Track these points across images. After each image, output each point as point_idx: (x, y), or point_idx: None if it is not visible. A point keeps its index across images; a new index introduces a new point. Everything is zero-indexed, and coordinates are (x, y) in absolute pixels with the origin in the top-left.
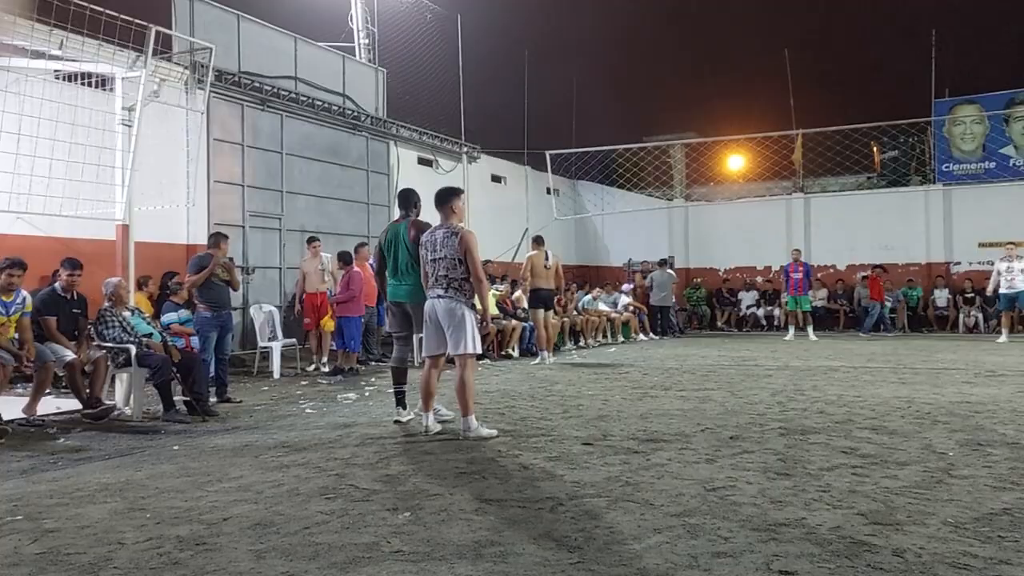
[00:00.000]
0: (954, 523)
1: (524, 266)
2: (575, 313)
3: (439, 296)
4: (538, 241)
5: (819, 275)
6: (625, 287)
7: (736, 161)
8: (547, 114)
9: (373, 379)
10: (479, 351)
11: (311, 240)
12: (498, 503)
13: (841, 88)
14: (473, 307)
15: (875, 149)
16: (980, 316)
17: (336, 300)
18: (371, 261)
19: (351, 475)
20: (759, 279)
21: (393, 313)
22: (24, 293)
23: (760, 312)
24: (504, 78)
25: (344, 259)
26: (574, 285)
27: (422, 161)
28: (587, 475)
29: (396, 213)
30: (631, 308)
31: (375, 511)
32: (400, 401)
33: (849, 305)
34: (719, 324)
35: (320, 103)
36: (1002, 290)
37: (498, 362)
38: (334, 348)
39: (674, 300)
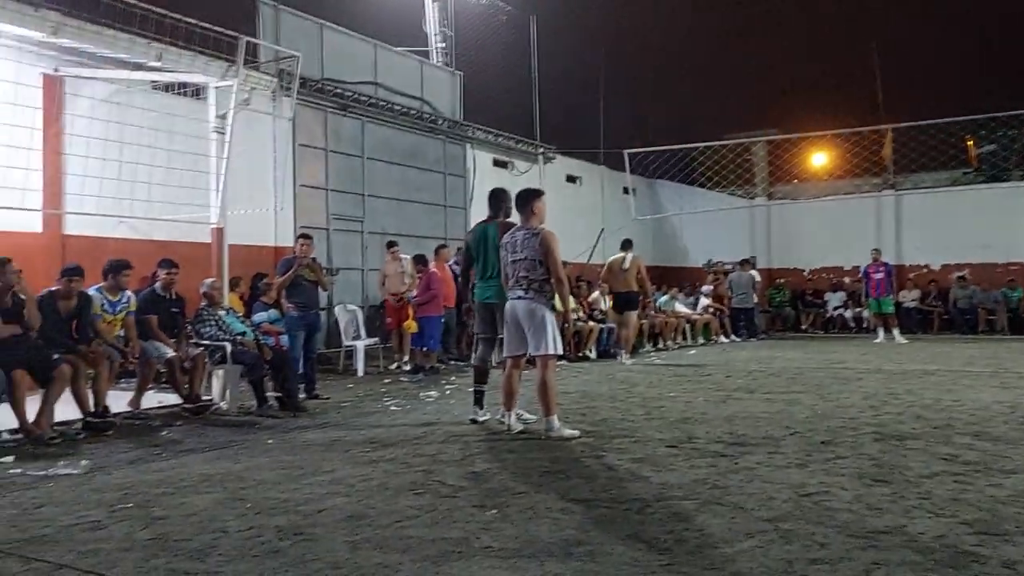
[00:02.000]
0: None
1: (604, 270)
2: (652, 314)
3: (519, 297)
4: (623, 244)
5: (911, 275)
6: (704, 288)
7: (821, 158)
8: (624, 113)
9: (453, 378)
10: (560, 352)
11: (390, 245)
12: (584, 503)
13: (934, 79)
14: (553, 308)
15: (970, 143)
16: None
17: (416, 301)
18: (452, 262)
19: (438, 471)
20: (846, 280)
21: (481, 314)
22: (129, 293)
23: (848, 314)
24: (579, 78)
25: (420, 261)
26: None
27: (497, 163)
28: (673, 477)
29: (473, 215)
30: (711, 309)
31: (463, 507)
32: (478, 400)
33: (944, 306)
34: (803, 326)
35: (399, 107)
36: None
37: (575, 363)
38: (414, 348)
39: (756, 301)
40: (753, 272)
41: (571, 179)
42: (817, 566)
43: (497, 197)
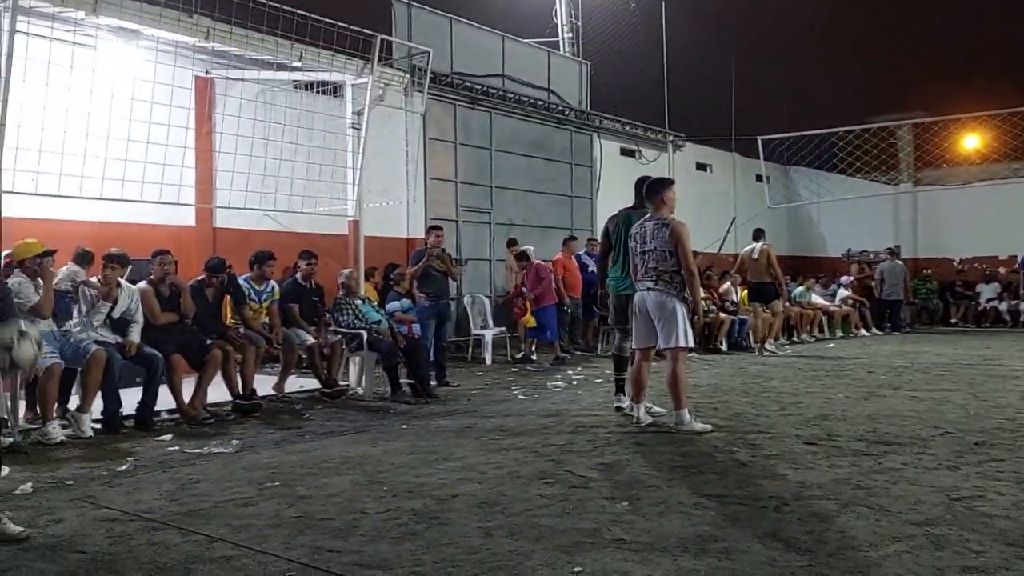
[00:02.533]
0: None
1: (737, 261)
2: (786, 306)
3: (649, 289)
4: (754, 234)
5: None
6: (844, 279)
7: (973, 140)
8: (757, 98)
9: (580, 368)
10: (691, 345)
11: (510, 243)
12: (718, 499)
13: None
14: (685, 300)
15: None
16: None
17: (533, 296)
18: (581, 252)
19: (568, 461)
20: (1001, 270)
21: (615, 305)
22: (273, 283)
23: (1002, 306)
24: (710, 63)
25: (523, 258)
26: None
27: (625, 152)
28: (812, 476)
29: (599, 205)
30: (851, 301)
31: (593, 498)
32: (620, 388)
33: None
34: (953, 320)
35: (526, 99)
36: None
37: (706, 356)
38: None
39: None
40: (900, 262)
41: (701, 167)
42: (970, 575)
43: (647, 186)
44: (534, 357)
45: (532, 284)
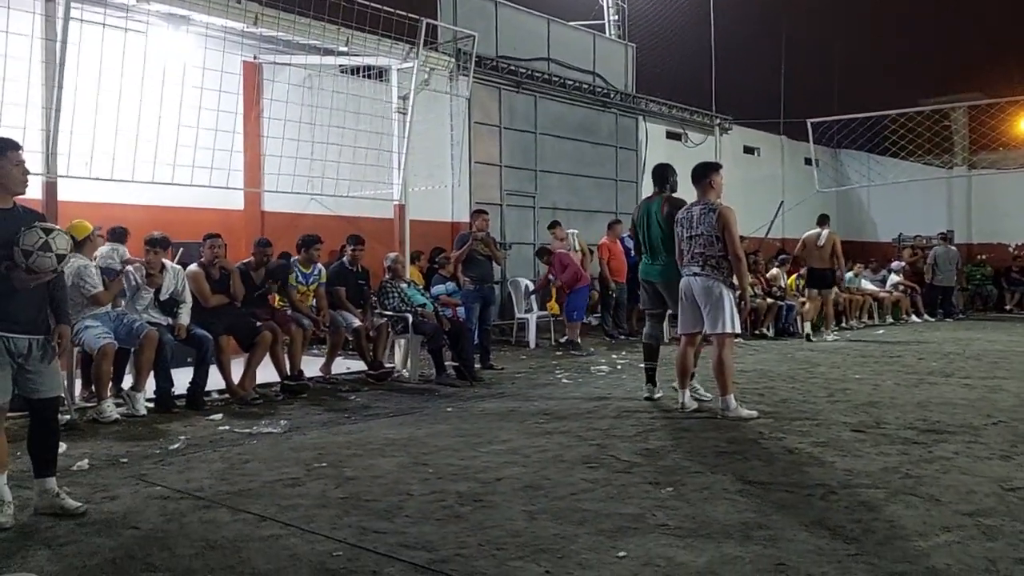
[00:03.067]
0: None
1: (799, 245)
2: (837, 292)
3: (695, 274)
4: (819, 220)
5: None
6: (895, 264)
7: None
8: (806, 80)
9: (624, 352)
10: (738, 330)
11: (552, 225)
12: (763, 486)
13: None
14: (732, 285)
15: None
16: None
17: (558, 284)
18: (625, 235)
19: (611, 446)
20: None
21: (646, 291)
22: (320, 266)
23: None
24: (758, 45)
25: (545, 253)
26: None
27: (671, 135)
28: (860, 464)
29: (645, 189)
30: (901, 287)
31: (637, 483)
32: (650, 378)
33: None
34: (1007, 306)
35: (571, 82)
36: None
37: (751, 341)
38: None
39: (956, 279)
40: (953, 247)
41: (748, 150)
42: None
43: (661, 172)
44: (578, 340)
45: (558, 272)
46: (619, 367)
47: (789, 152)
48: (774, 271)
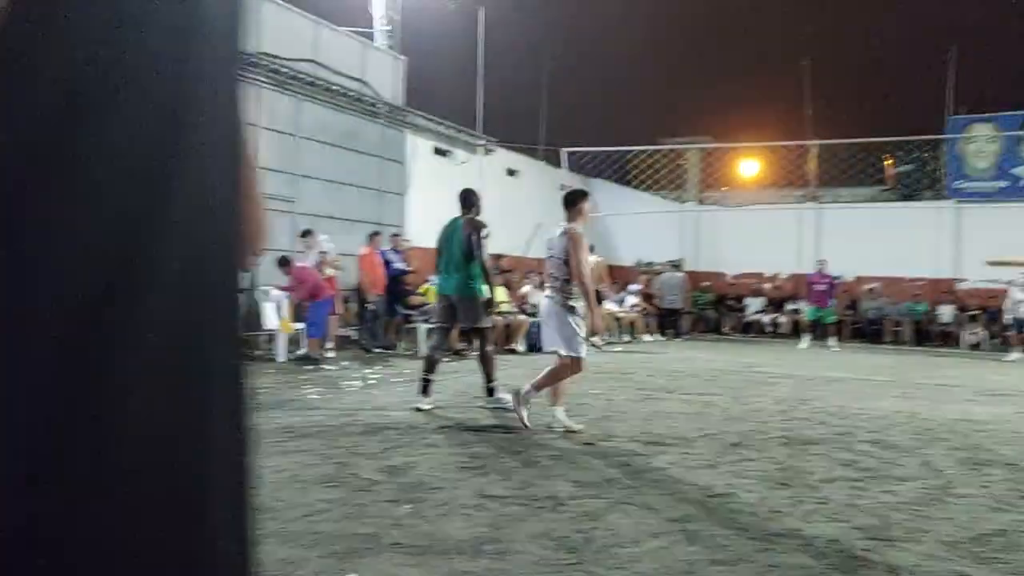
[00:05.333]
0: (949, 542)
1: None
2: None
3: (547, 296)
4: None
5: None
6: (632, 287)
7: (750, 167)
8: (564, 110)
9: (378, 367)
10: (576, 354)
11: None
12: (499, 499)
13: (858, 100)
14: (572, 308)
15: (889, 163)
16: (984, 334)
17: (295, 300)
18: (386, 248)
19: (354, 464)
20: (767, 286)
21: (440, 304)
22: None
23: (766, 319)
24: (523, 73)
25: (285, 263)
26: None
27: (438, 151)
28: (589, 475)
29: (410, 201)
30: (637, 308)
31: (376, 502)
32: (424, 390)
33: (855, 316)
34: (724, 329)
35: (338, 88)
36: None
37: (502, 356)
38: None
39: (682, 303)
40: (681, 274)
41: (511, 172)
42: (717, 567)
43: (467, 196)
44: (317, 355)
45: (295, 286)
46: (371, 382)
47: (547, 177)
48: (526, 288)
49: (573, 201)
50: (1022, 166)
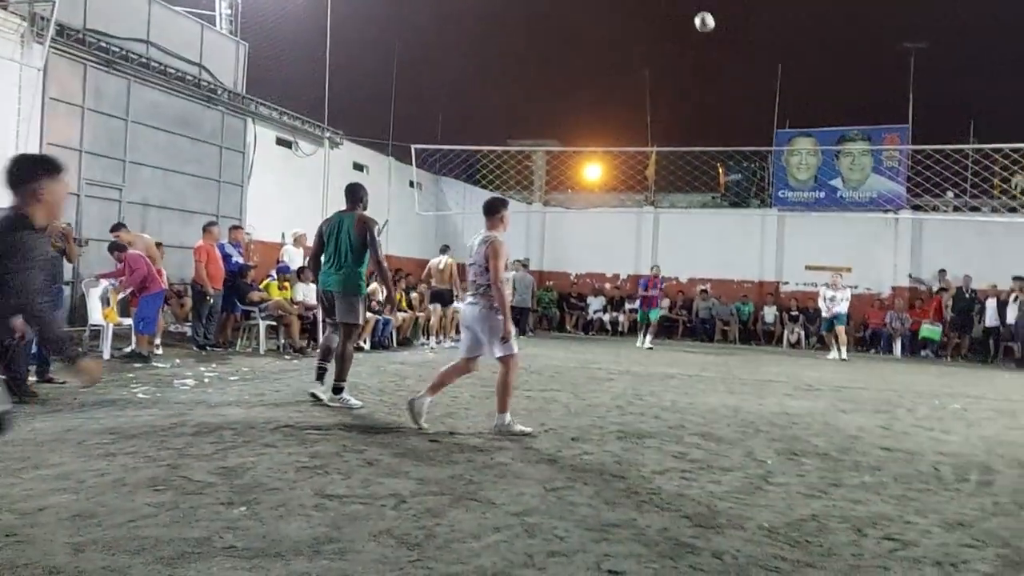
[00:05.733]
0: (768, 527)
1: (426, 269)
2: (429, 309)
3: (470, 303)
4: (441, 249)
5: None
6: None
7: (594, 171)
8: (414, 106)
9: (214, 364)
10: (514, 351)
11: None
12: (339, 499)
13: (694, 111)
14: (496, 310)
15: (721, 171)
16: (803, 333)
17: (123, 287)
18: (224, 241)
19: (185, 466)
20: (607, 286)
21: (325, 299)
22: None
23: (606, 317)
24: (373, 66)
25: (118, 248)
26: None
27: (281, 142)
28: (432, 472)
29: (250, 193)
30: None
31: (208, 504)
32: (320, 376)
33: (687, 316)
34: (567, 327)
35: (173, 71)
36: (825, 314)
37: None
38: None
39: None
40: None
41: (358, 167)
42: (555, 559)
43: (354, 191)
44: (146, 352)
45: (122, 273)
46: (206, 380)
47: (396, 173)
48: (372, 286)
49: (495, 209)
50: (838, 178)
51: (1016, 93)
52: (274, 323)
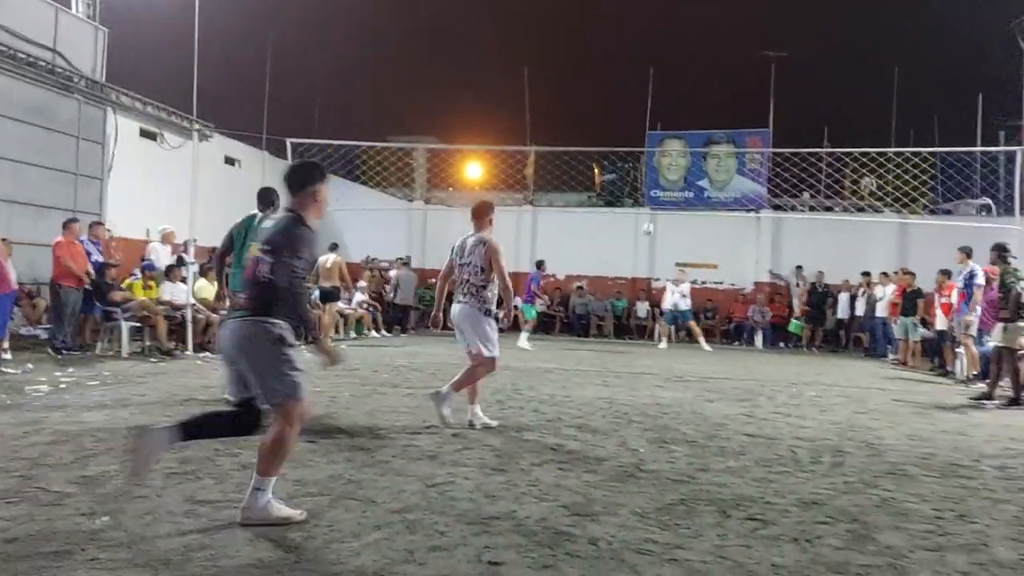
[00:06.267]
0: (641, 513)
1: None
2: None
3: (460, 302)
4: (330, 247)
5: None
6: (361, 283)
7: (475, 170)
8: (289, 101)
9: (71, 369)
10: (495, 355)
11: None
12: (212, 504)
13: (572, 112)
14: (489, 312)
15: (597, 171)
16: (673, 328)
17: None
18: (84, 237)
19: (40, 476)
20: None
21: (234, 300)
22: None
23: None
24: (245, 57)
25: None
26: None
27: (145, 134)
28: (310, 473)
29: (110, 187)
30: (365, 305)
31: (68, 516)
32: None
33: (565, 312)
34: (450, 325)
35: (24, 55)
36: (667, 307)
37: (203, 354)
38: None
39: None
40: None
41: (230, 161)
42: (436, 553)
43: (267, 195)
44: (7, 356)
45: None
46: (63, 386)
47: (271, 168)
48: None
49: (485, 211)
50: (705, 179)
51: (864, 102)
52: (139, 324)
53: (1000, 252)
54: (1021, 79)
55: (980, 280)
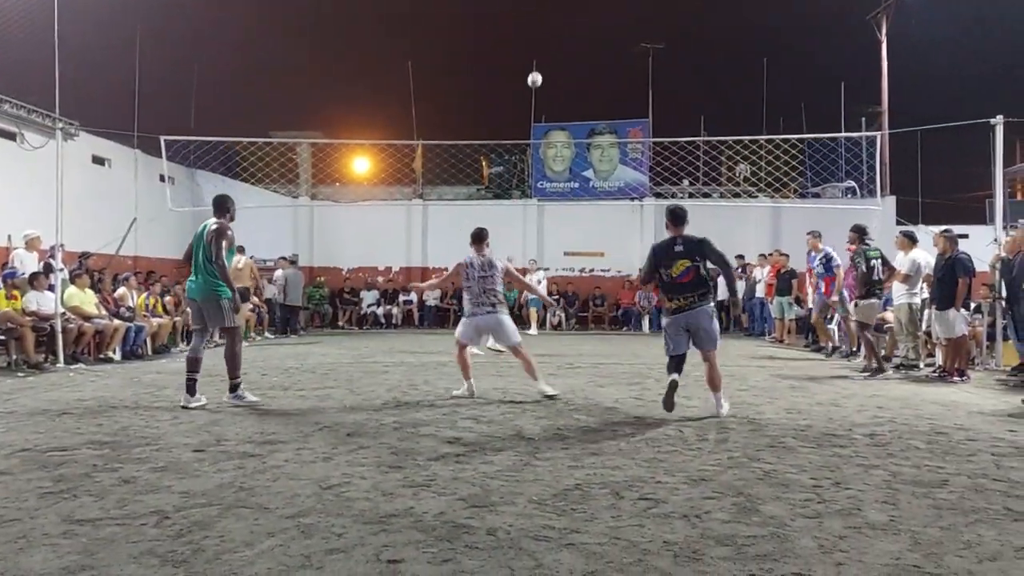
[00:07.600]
0: (537, 500)
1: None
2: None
3: (489, 312)
4: (239, 249)
5: (434, 276)
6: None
7: (362, 164)
8: (162, 97)
9: None
10: (520, 339)
11: None
12: (92, 523)
13: (458, 105)
14: (507, 311)
15: (484, 164)
16: (563, 315)
17: None
18: None
19: None
20: (380, 279)
21: (191, 306)
22: None
23: (380, 311)
24: (114, 51)
25: None
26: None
27: (4, 134)
28: (198, 484)
29: None
30: (252, 307)
31: None
32: (190, 389)
33: (459, 305)
34: (340, 323)
35: None
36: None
37: (97, 367)
38: None
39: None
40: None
41: (98, 160)
42: (333, 556)
43: (222, 202)
44: None
45: None
46: None
47: (144, 167)
48: (121, 291)
49: (482, 237)
50: (590, 169)
51: (736, 92)
52: (2, 337)
53: (860, 234)
54: (880, 68)
55: (837, 261)
